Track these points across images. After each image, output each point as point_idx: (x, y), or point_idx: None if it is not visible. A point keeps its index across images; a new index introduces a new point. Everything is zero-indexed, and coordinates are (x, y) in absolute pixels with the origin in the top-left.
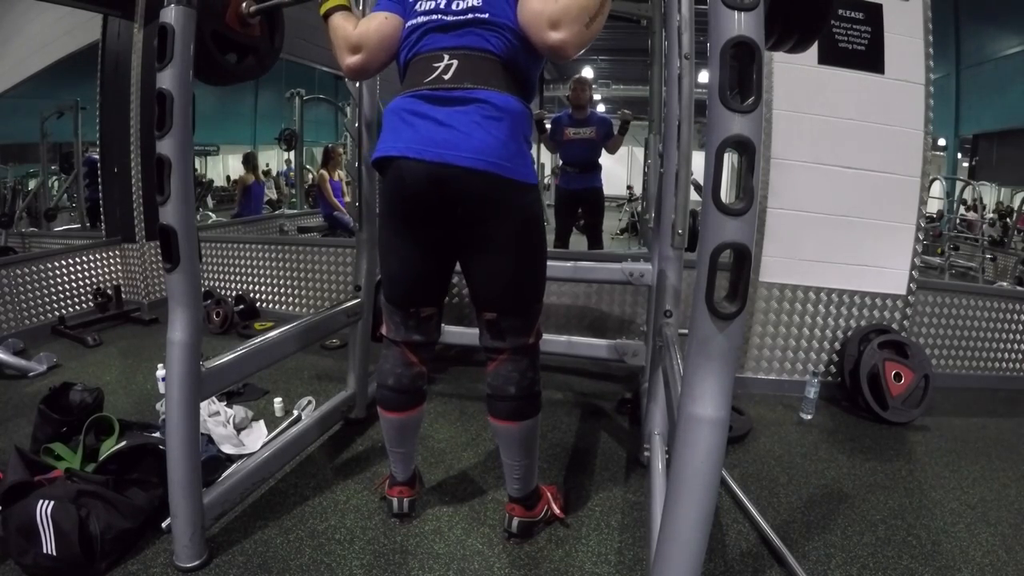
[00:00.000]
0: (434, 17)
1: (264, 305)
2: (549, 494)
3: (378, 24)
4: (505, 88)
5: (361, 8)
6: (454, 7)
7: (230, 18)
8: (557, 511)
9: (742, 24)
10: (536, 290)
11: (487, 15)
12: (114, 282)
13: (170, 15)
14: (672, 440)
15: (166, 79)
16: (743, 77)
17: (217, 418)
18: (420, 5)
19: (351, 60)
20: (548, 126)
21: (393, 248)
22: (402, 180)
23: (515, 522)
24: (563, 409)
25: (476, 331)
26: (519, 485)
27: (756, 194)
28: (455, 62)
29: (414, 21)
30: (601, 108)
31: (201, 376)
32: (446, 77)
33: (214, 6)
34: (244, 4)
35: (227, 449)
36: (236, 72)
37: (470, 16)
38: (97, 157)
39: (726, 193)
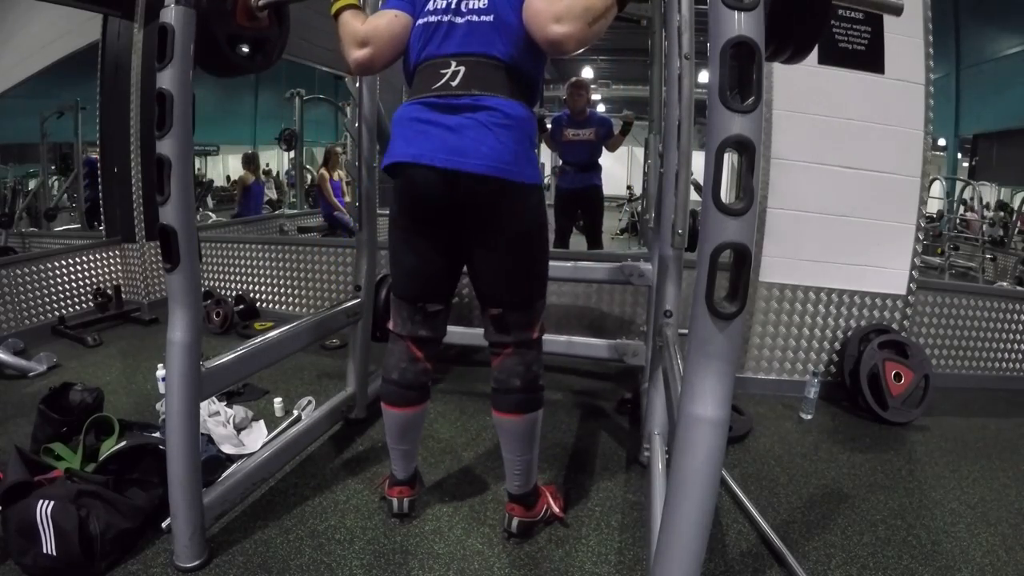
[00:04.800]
0: (444, 18)
1: (264, 305)
2: (548, 493)
3: (388, 21)
4: (510, 94)
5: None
6: (462, 7)
7: (240, 15)
8: (557, 510)
9: (742, 24)
10: (539, 286)
11: (491, 17)
12: (114, 282)
13: (170, 15)
14: (672, 440)
15: (166, 79)
16: (743, 77)
17: (217, 418)
18: (431, 4)
19: (358, 54)
20: (548, 126)
21: (404, 246)
22: (415, 185)
23: (515, 522)
24: (563, 409)
25: (477, 331)
26: (520, 481)
27: (756, 194)
28: (462, 68)
29: (424, 20)
30: (601, 108)
31: (201, 376)
32: (453, 84)
33: (224, 9)
34: None
35: (227, 449)
36: (247, 66)
37: (476, 19)
38: (96, 158)
39: (726, 193)
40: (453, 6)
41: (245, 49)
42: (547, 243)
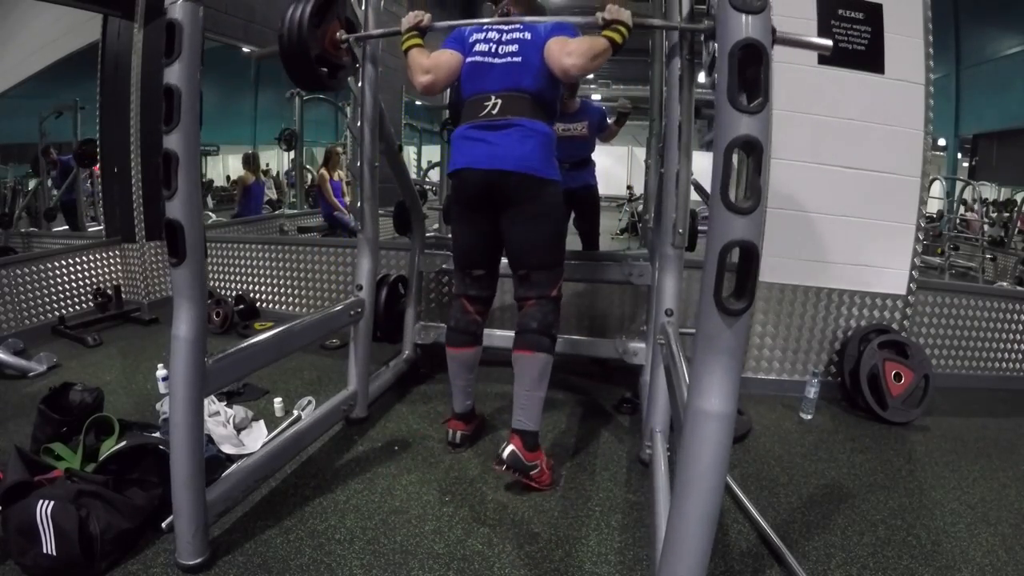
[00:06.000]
0: (487, 59)
1: (264, 305)
2: (545, 458)
3: (446, 58)
4: (533, 115)
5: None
6: (499, 51)
7: (328, 43)
8: (547, 471)
9: (750, 27)
10: (557, 255)
11: (520, 59)
12: (114, 282)
13: (177, 11)
14: (678, 435)
15: (174, 74)
16: (750, 78)
17: (217, 418)
18: (477, 47)
19: (424, 79)
20: None
21: (459, 228)
22: (468, 182)
23: (509, 448)
24: (563, 409)
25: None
26: (524, 416)
27: (764, 193)
28: (500, 101)
29: (472, 59)
30: (596, 97)
31: (206, 371)
32: (494, 112)
33: (319, 35)
34: (339, 33)
35: (227, 449)
36: (330, 84)
37: (509, 60)
38: (68, 158)
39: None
40: (493, 51)
41: (324, 70)
42: (564, 224)
